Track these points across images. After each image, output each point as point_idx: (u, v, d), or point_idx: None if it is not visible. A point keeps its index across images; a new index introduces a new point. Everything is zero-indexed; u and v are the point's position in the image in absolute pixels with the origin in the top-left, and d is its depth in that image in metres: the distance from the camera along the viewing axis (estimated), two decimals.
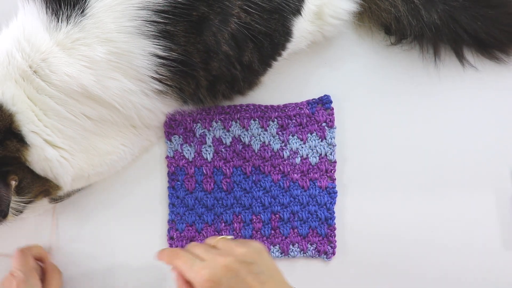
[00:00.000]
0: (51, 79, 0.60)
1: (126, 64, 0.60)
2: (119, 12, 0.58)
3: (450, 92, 0.76)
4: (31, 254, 0.69)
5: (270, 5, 0.62)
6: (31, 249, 0.70)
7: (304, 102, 0.75)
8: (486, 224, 0.74)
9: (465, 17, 0.71)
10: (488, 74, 0.76)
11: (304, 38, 0.71)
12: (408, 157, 0.75)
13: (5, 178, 0.59)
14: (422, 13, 0.70)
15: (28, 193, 0.63)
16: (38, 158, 0.61)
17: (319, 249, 0.74)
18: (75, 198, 0.74)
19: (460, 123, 0.76)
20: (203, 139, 0.75)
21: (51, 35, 0.59)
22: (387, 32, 0.75)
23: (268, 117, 0.75)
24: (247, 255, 0.55)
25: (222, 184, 0.75)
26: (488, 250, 0.73)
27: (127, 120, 0.67)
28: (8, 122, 0.59)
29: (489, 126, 0.75)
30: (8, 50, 0.60)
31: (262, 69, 0.68)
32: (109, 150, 0.68)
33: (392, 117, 0.76)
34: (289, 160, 0.75)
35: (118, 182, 0.75)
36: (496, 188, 0.74)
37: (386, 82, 0.76)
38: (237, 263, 0.53)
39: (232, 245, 0.56)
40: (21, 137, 0.60)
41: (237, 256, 0.54)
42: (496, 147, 0.75)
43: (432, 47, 0.74)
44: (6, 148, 0.59)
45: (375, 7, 0.72)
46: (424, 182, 0.75)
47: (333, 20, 0.71)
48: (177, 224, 0.74)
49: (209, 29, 0.59)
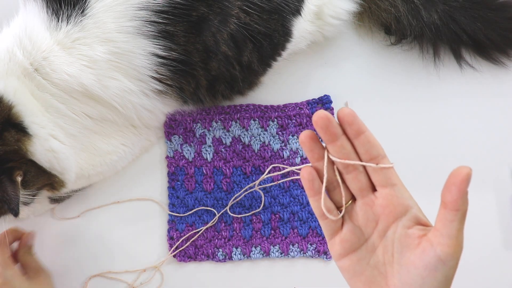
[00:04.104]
0: (51, 78, 0.60)
1: (126, 64, 0.60)
2: (119, 12, 0.58)
3: (450, 92, 0.76)
4: (7, 241, 0.66)
5: (270, 6, 0.62)
6: (8, 234, 0.67)
7: (304, 102, 0.76)
8: (486, 224, 0.74)
9: (465, 18, 0.71)
10: (487, 74, 0.76)
11: (304, 38, 0.71)
12: (408, 157, 0.75)
13: (11, 175, 0.59)
14: (422, 13, 0.70)
15: (33, 186, 0.62)
16: (42, 148, 0.61)
17: (319, 249, 0.74)
18: (75, 198, 0.74)
19: (460, 123, 0.76)
20: (203, 139, 0.75)
21: (52, 34, 0.59)
22: (387, 32, 0.75)
23: (268, 117, 0.75)
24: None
25: (222, 184, 0.75)
26: (488, 250, 0.73)
27: (127, 120, 0.67)
28: (7, 112, 0.59)
29: (489, 126, 0.75)
30: (9, 47, 0.60)
31: (261, 69, 0.68)
32: (109, 149, 0.68)
33: (391, 117, 0.76)
34: (289, 160, 0.75)
35: (118, 182, 0.75)
36: (496, 188, 0.74)
37: (386, 82, 0.76)
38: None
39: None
40: (22, 128, 0.60)
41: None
42: (496, 147, 0.75)
43: (432, 47, 0.74)
44: (4, 141, 0.58)
45: (375, 7, 0.72)
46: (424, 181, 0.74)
47: (333, 20, 0.71)
48: (177, 224, 0.74)
49: (208, 29, 0.60)
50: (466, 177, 0.40)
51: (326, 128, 0.42)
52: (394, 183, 0.43)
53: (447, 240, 0.39)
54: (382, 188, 0.43)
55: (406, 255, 0.42)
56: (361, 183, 0.44)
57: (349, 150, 0.43)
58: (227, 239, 0.74)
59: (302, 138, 0.43)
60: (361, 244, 0.45)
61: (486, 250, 0.73)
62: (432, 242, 0.40)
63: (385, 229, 0.44)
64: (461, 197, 0.40)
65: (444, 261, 0.39)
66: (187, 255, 0.74)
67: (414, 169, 0.75)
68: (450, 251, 0.39)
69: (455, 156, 0.75)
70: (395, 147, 0.75)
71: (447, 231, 0.40)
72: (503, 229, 0.74)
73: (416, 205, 0.44)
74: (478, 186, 0.74)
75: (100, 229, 0.75)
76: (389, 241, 0.43)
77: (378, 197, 0.43)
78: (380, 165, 0.43)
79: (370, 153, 0.43)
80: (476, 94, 0.76)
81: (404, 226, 0.42)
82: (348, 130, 0.43)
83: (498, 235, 0.74)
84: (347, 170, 0.44)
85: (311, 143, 0.43)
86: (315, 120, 0.41)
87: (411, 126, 0.76)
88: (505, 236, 0.74)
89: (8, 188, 0.58)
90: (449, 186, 0.40)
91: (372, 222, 0.44)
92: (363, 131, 0.42)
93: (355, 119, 0.42)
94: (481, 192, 0.74)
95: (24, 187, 0.61)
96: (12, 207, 0.58)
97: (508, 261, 0.73)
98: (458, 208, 0.40)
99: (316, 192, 0.44)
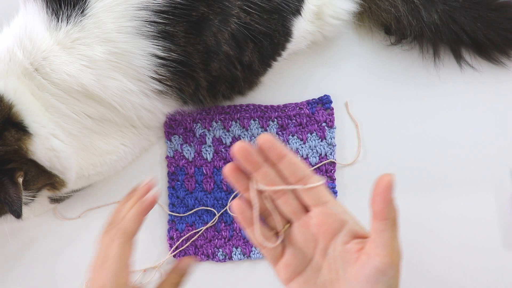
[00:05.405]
0: (51, 78, 0.60)
1: (126, 64, 0.60)
2: (118, 12, 0.58)
3: (450, 92, 0.76)
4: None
5: (270, 5, 0.62)
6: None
7: (304, 102, 0.76)
8: (486, 224, 0.74)
9: (465, 18, 0.71)
10: (487, 74, 0.76)
11: (304, 38, 0.71)
12: (408, 157, 0.75)
13: (12, 176, 0.59)
14: (422, 13, 0.70)
15: (34, 186, 0.62)
16: (43, 147, 0.61)
17: None
18: (76, 198, 0.74)
19: (460, 123, 0.76)
20: (203, 139, 0.75)
21: (52, 34, 0.59)
22: (387, 32, 0.75)
23: (268, 117, 0.75)
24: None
25: (222, 184, 0.75)
26: (488, 250, 0.73)
27: (127, 120, 0.67)
28: (7, 112, 0.59)
29: (489, 126, 0.75)
30: (9, 47, 0.60)
31: (262, 69, 0.68)
32: (109, 149, 0.68)
33: (391, 117, 0.76)
34: None
35: (118, 182, 0.75)
36: (496, 188, 0.74)
37: (386, 82, 0.76)
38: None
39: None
40: (22, 127, 0.60)
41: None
42: (496, 147, 0.75)
43: (432, 47, 0.74)
44: (5, 141, 0.58)
45: (375, 7, 0.72)
46: (424, 181, 0.75)
47: (333, 20, 0.71)
48: (177, 224, 0.74)
49: (209, 29, 0.60)
50: (388, 185, 0.39)
51: (246, 159, 0.42)
52: (326, 200, 0.43)
53: (383, 250, 0.39)
54: (315, 208, 0.43)
55: (348, 270, 0.41)
56: (292, 206, 0.44)
57: (274, 176, 0.43)
58: (227, 239, 0.74)
59: (226, 172, 0.43)
60: (305, 265, 0.44)
61: (486, 250, 0.73)
62: (369, 254, 0.40)
63: (325, 247, 0.43)
64: (386, 206, 0.39)
65: (383, 272, 0.39)
66: (187, 255, 0.74)
67: (414, 169, 0.75)
68: (387, 261, 0.39)
69: (455, 156, 0.75)
70: (395, 147, 0.76)
71: (381, 241, 0.39)
72: (503, 229, 0.74)
73: (352, 218, 0.44)
74: (478, 186, 0.74)
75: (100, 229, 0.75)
76: (331, 259, 0.43)
77: (312, 217, 0.43)
78: (308, 185, 0.42)
79: (296, 175, 0.43)
80: (476, 94, 0.76)
81: (342, 242, 0.42)
82: (270, 156, 0.42)
83: (498, 235, 0.74)
84: (277, 196, 0.43)
85: (235, 175, 0.43)
86: (234, 153, 0.42)
87: (411, 126, 0.76)
88: (505, 236, 0.74)
89: (10, 189, 0.58)
90: (373, 197, 0.40)
91: (311, 242, 0.44)
92: (284, 155, 0.42)
93: (274, 144, 0.42)
94: (481, 192, 0.74)
95: (24, 187, 0.61)
96: (15, 209, 0.57)
97: (508, 261, 0.73)
98: (386, 217, 0.39)
99: (250, 223, 0.44)
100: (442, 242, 0.74)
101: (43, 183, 0.63)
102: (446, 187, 0.74)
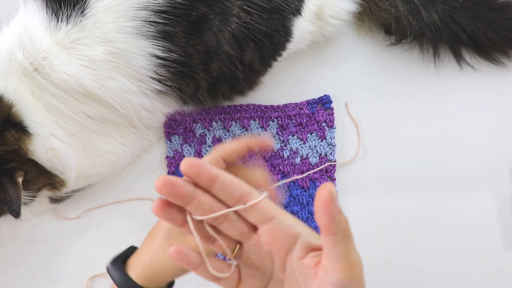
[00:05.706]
0: (51, 78, 0.60)
1: (126, 64, 0.60)
2: (118, 12, 0.58)
3: (450, 92, 0.76)
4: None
5: (270, 5, 0.62)
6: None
7: (304, 102, 0.75)
8: (486, 224, 0.74)
9: (465, 18, 0.71)
10: (487, 74, 0.76)
11: (304, 38, 0.71)
12: (408, 157, 0.75)
13: (12, 176, 0.59)
14: (422, 13, 0.70)
15: (34, 186, 0.62)
16: (43, 147, 0.61)
17: None
18: (75, 198, 0.74)
19: (460, 123, 0.75)
20: (203, 139, 0.75)
21: (51, 34, 0.59)
22: (387, 32, 0.75)
23: (268, 117, 0.75)
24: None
25: None
26: (488, 250, 0.73)
27: (127, 120, 0.67)
28: (7, 112, 0.59)
29: (489, 126, 0.75)
30: (9, 47, 0.60)
31: (262, 69, 0.68)
32: (109, 149, 0.68)
33: (391, 117, 0.76)
34: (289, 160, 0.75)
35: (118, 182, 0.75)
36: (496, 188, 0.74)
37: (386, 82, 0.76)
38: None
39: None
40: (22, 127, 0.60)
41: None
42: (496, 147, 0.75)
43: (432, 47, 0.74)
44: (4, 140, 0.58)
45: (375, 7, 0.72)
46: (424, 182, 0.75)
47: (333, 20, 0.71)
48: None
49: (209, 29, 0.59)
50: (330, 196, 0.34)
51: (173, 194, 0.36)
52: (272, 216, 0.38)
53: (339, 265, 0.36)
54: (262, 226, 0.39)
55: (309, 286, 0.38)
56: (238, 228, 0.39)
57: (210, 202, 0.38)
58: None
59: (154, 211, 0.37)
60: (266, 282, 0.41)
61: (486, 250, 0.73)
62: (326, 270, 0.37)
63: (282, 263, 0.40)
64: (332, 220, 0.35)
65: (343, 287, 0.36)
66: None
67: (414, 169, 0.75)
68: (346, 276, 0.36)
69: (455, 156, 0.75)
70: (395, 147, 0.76)
71: (335, 256, 0.36)
72: (503, 229, 0.74)
73: (305, 229, 0.39)
74: (478, 186, 0.74)
75: (100, 229, 0.75)
76: (291, 274, 0.40)
77: (262, 235, 0.39)
78: (249, 204, 0.38)
79: (233, 196, 0.38)
80: (476, 94, 0.76)
81: (297, 257, 0.38)
82: (199, 182, 0.37)
83: (498, 235, 0.74)
84: (218, 222, 0.39)
85: (166, 212, 0.38)
86: (159, 190, 0.36)
87: (411, 126, 0.76)
88: (505, 236, 0.74)
89: (9, 189, 0.58)
90: (316, 210, 0.35)
91: (267, 259, 0.41)
92: (215, 177, 0.37)
93: (200, 168, 0.37)
94: (481, 192, 0.74)
95: (24, 187, 0.61)
96: (14, 208, 0.57)
97: (508, 261, 0.73)
98: (334, 231, 0.35)
99: (197, 265, 0.39)
100: (442, 241, 0.74)
101: (43, 183, 0.63)
102: (446, 186, 0.74)
